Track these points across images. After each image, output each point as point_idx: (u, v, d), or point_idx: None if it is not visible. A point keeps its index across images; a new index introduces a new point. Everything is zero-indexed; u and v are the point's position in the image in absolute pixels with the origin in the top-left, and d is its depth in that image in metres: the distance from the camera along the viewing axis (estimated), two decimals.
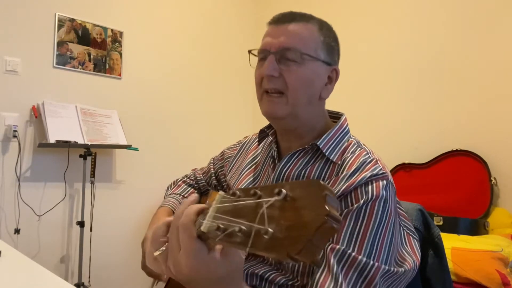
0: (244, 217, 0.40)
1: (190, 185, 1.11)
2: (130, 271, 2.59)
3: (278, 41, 0.77)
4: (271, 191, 0.39)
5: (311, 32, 0.79)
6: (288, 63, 0.77)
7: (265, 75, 0.78)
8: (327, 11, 2.90)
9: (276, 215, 0.37)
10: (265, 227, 0.37)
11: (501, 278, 1.51)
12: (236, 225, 0.40)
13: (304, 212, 0.35)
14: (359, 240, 0.68)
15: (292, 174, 0.81)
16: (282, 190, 0.38)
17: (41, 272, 0.89)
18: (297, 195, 0.37)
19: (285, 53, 0.77)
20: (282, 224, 0.36)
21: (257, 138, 0.96)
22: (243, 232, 0.39)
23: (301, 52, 0.76)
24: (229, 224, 0.41)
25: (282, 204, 0.37)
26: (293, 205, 0.36)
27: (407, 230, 0.79)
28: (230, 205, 0.44)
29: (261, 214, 0.38)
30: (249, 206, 0.41)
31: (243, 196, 0.43)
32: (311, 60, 0.78)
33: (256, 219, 0.38)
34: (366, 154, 0.77)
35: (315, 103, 0.81)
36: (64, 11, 2.37)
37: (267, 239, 0.36)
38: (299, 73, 0.77)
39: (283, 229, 0.36)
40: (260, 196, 0.40)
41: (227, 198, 0.46)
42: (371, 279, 0.66)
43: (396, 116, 2.59)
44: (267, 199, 0.39)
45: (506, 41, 2.17)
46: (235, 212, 0.43)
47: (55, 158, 2.30)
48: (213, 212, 0.47)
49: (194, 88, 3.04)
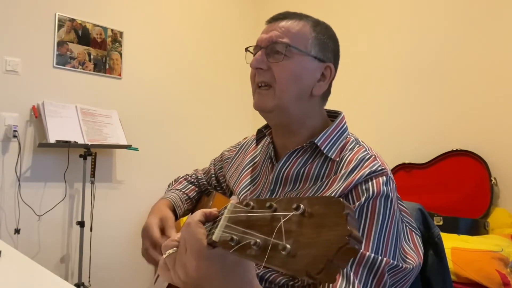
0: (259, 230, 0.40)
1: (191, 183, 1.12)
2: (130, 271, 2.59)
3: (268, 35, 0.79)
4: (288, 205, 0.38)
5: (302, 28, 0.79)
6: (276, 56, 0.78)
7: (253, 68, 0.80)
8: (327, 11, 2.91)
9: (294, 230, 0.36)
10: (283, 242, 0.36)
11: (501, 278, 1.51)
12: (251, 238, 0.39)
13: (324, 230, 0.35)
14: (365, 237, 0.67)
15: (291, 173, 0.81)
16: (300, 205, 0.37)
17: (41, 272, 0.89)
18: (316, 211, 0.36)
19: (273, 47, 0.78)
20: (301, 240, 0.35)
21: (255, 139, 0.96)
22: (259, 245, 0.38)
23: (288, 44, 0.77)
24: (243, 236, 0.41)
25: (300, 220, 0.37)
26: (312, 222, 0.36)
27: (409, 226, 0.79)
28: (243, 215, 0.43)
29: (278, 228, 0.38)
30: (264, 218, 0.40)
31: (257, 207, 0.42)
32: (300, 54, 0.78)
33: (273, 233, 0.38)
34: (365, 151, 0.77)
35: (306, 99, 0.81)
36: (64, 11, 2.37)
37: (285, 255, 0.36)
38: (286, 66, 0.77)
39: (301, 246, 0.35)
40: (275, 209, 0.40)
41: (240, 208, 0.45)
42: (381, 275, 0.65)
43: (396, 116, 2.59)
44: (284, 213, 0.38)
45: (506, 41, 2.17)
46: (249, 224, 0.42)
47: (55, 158, 2.30)
48: (225, 221, 0.46)
49: (194, 88, 3.04)
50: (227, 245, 0.42)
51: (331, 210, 0.35)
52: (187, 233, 0.50)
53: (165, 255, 0.52)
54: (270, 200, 0.41)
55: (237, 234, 0.42)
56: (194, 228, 0.49)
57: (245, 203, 0.44)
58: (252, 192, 0.89)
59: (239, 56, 3.11)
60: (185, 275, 0.49)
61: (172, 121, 2.90)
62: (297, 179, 0.80)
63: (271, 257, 0.37)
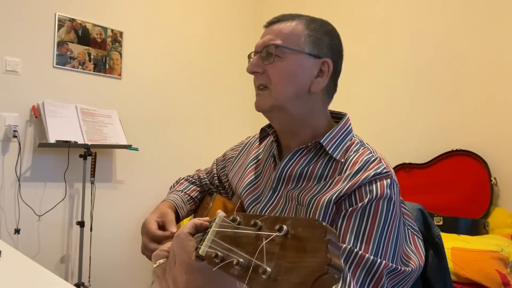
0: (243, 248, 0.40)
1: (193, 183, 1.12)
2: (130, 271, 2.59)
3: (263, 40, 0.81)
4: (273, 224, 0.38)
5: (295, 27, 0.80)
6: (270, 59, 0.79)
7: (249, 72, 0.82)
8: (326, 12, 2.91)
9: (276, 253, 0.36)
10: (264, 265, 0.36)
11: (501, 278, 1.51)
12: (234, 257, 0.40)
13: (305, 256, 0.34)
14: (366, 239, 0.67)
15: (294, 172, 0.81)
16: (283, 226, 0.37)
17: (41, 272, 0.89)
18: (299, 234, 0.36)
19: (267, 50, 0.80)
20: (282, 264, 0.35)
21: (259, 137, 0.96)
22: (241, 265, 0.39)
23: (277, 45, 0.78)
24: (228, 254, 0.41)
25: (282, 241, 0.36)
26: (294, 245, 0.35)
27: (411, 229, 0.79)
28: (229, 231, 0.44)
29: (260, 249, 0.38)
30: (248, 236, 0.40)
31: (243, 223, 0.43)
32: (293, 53, 0.79)
33: (255, 253, 0.38)
34: (370, 153, 0.77)
35: (304, 97, 0.80)
36: (64, 11, 2.37)
37: (265, 278, 0.35)
38: (278, 66, 0.79)
39: (282, 270, 0.35)
40: (260, 227, 0.40)
41: (227, 223, 0.45)
42: (379, 278, 0.65)
43: (396, 116, 2.59)
44: (267, 233, 0.38)
45: (506, 41, 2.17)
46: (234, 240, 0.42)
47: (55, 158, 2.30)
48: (212, 235, 0.46)
49: (194, 88, 3.04)
50: (212, 261, 0.43)
51: (314, 234, 0.35)
52: (176, 245, 0.51)
53: (156, 265, 0.53)
54: (256, 217, 0.41)
55: (222, 251, 0.42)
56: (183, 241, 0.50)
57: (231, 218, 0.44)
58: (254, 190, 0.89)
59: (239, 55, 3.12)
60: (175, 287, 0.49)
61: (172, 121, 2.90)
62: (300, 177, 0.80)
63: (252, 279, 0.37)
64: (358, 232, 0.68)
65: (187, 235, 0.51)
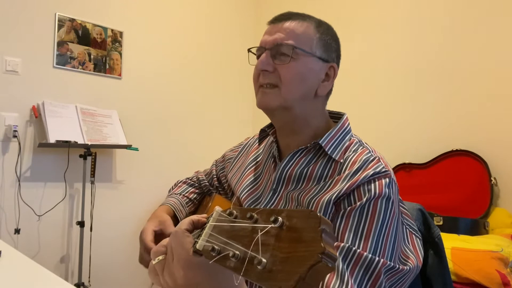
0: (240, 241, 0.40)
1: (191, 185, 1.12)
2: (130, 271, 2.59)
3: (273, 37, 0.80)
4: (268, 216, 0.38)
5: (306, 29, 0.80)
6: (282, 58, 0.79)
7: (260, 70, 0.80)
8: (327, 12, 2.91)
9: (271, 244, 0.37)
10: (259, 256, 0.36)
11: (501, 278, 1.51)
12: (230, 249, 0.40)
13: (299, 246, 0.34)
14: (364, 238, 0.67)
15: (294, 173, 0.81)
16: (278, 218, 0.37)
17: (41, 272, 0.89)
18: (294, 225, 0.36)
19: (279, 49, 0.79)
20: (277, 255, 0.35)
21: (258, 138, 0.96)
22: (237, 257, 0.39)
23: (294, 46, 0.78)
24: (224, 247, 0.41)
25: (278, 233, 0.37)
26: (289, 236, 0.36)
27: (409, 228, 0.79)
28: (226, 225, 0.44)
29: (256, 241, 0.38)
30: (245, 229, 0.40)
31: (239, 217, 0.43)
32: (305, 55, 0.79)
33: (251, 245, 0.38)
34: (369, 153, 0.77)
35: (311, 99, 0.81)
36: (64, 11, 2.37)
37: (260, 269, 0.36)
38: (292, 67, 0.78)
39: (277, 261, 0.35)
40: (256, 220, 0.40)
41: (224, 217, 0.45)
42: (377, 276, 0.66)
43: (396, 116, 2.59)
44: (263, 225, 0.38)
45: (506, 41, 2.17)
46: (231, 234, 0.42)
47: (55, 158, 2.30)
48: (209, 230, 0.47)
49: (194, 88, 3.04)
50: (208, 255, 0.43)
51: (308, 225, 0.35)
52: (174, 242, 0.51)
53: (154, 262, 0.53)
54: (252, 211, 0.41)
55: (219, 244, 0.42)
56: (181, 238, 0.50)
57: (228, 212, 0.45)
58: (254, 191, 0.89)
59: (239, 55, 3.12)
60: (174, 283, 0.50)
61: (172, 121, 2.90)
62: (300, 178, 0.81)
63: (247, 270, 0.37)
64: (356, 231, 0.68)
65: (184, 231, 0.51)
